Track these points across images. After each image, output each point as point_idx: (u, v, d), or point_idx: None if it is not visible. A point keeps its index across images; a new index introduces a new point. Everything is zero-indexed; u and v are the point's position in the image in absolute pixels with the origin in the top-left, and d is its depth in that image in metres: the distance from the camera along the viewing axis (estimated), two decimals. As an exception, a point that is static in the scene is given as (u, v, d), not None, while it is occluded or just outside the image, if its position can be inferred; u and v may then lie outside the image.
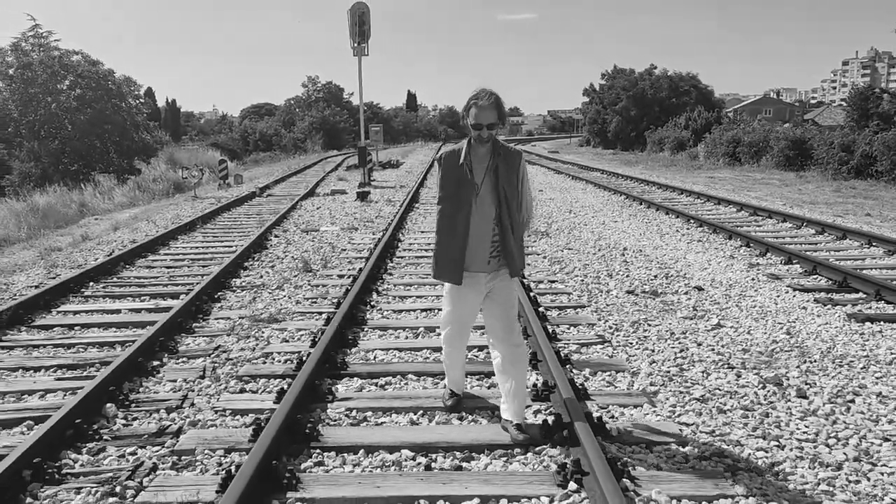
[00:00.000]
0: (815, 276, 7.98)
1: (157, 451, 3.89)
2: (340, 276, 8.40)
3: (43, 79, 35.28)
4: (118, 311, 7.05)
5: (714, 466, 3.62)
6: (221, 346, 5.79)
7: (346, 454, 3.82)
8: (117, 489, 3.45)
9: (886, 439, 3.93)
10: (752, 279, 7.98)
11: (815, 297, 7.09)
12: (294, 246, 10.74)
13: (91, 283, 8.28)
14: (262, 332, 6.13)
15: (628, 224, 12.50)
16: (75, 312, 7.04)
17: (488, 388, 4.73)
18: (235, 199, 17.46)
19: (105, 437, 4.09)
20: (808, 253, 9.00)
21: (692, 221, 12.29)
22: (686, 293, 7.40)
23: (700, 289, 7.55)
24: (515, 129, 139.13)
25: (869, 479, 3.50)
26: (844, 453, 3.76)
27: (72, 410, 4.12)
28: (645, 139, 49.50)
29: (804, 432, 4.02)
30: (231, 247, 10.75)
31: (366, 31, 20.51)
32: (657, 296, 7.30)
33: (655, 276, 8.17)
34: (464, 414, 4.32)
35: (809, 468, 3.60)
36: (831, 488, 3.41)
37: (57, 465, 3.70)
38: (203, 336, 6.11)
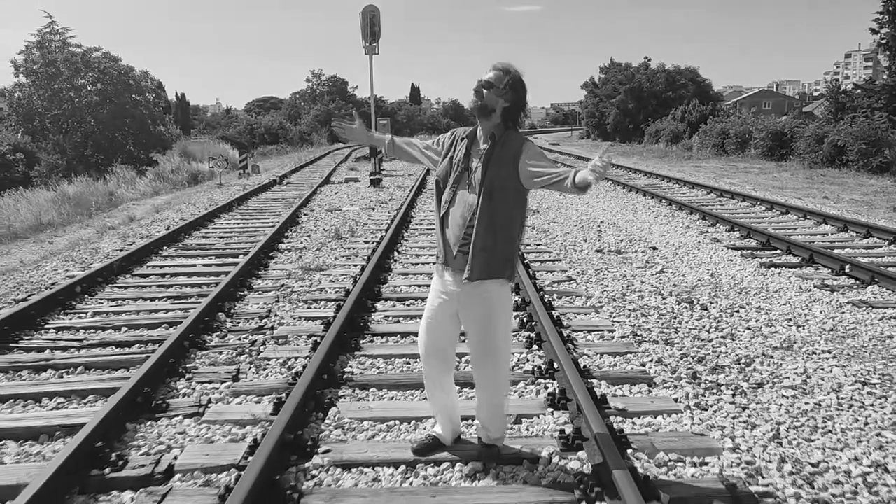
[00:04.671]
0: (747, 239, 9.93)
1: (261, 337, 5.85)
2: (366, 242, 10.34)
3: (66, 75, 37.20)
4: (194, 266, 8.99)
5: (629, 340, 5.57)
6: (285, 284, 7.74)
7: (388, 337, 5.78)
8: (245, 351, 5.42)
9: (749, 329, 5.87)
10: (699, 242, 9.92)
11: (741, 253, 9.04)
12: (322, 222, 12.68)
13: (164, 247, 10.23)
14: (314, 277, 8.08)
15: (609, 204, 14.44)
16: (161, 266, 8.98)
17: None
18: (259, 187, 19.36)
19: (223, 330, 6.05)
20: (750, 223, 10.93)
21: (663, 201, 14.23)
22: (643, 251, 9.32)
23: (655, 248, 9.48)
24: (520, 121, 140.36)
25: (728, 348, 5.43)
26: (717, 335, 5.70)
27: (200, 314, 6.07)
28: (642, 132, 51.32)
29: (695, 326, 5.96)
30: (269, 222, 12.70)
31: (376, 31, 22.27)
32: (620, 253, 9.23)
33: (622, 241, 10.10)
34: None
35: (690, 341, 5.54)
36: (703, 350, 5.34)
37: (200, 341, 5.65)
38: (269, 279, 8.06)
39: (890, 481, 3.38)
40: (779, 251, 9.05)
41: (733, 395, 4.43)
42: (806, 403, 4.28)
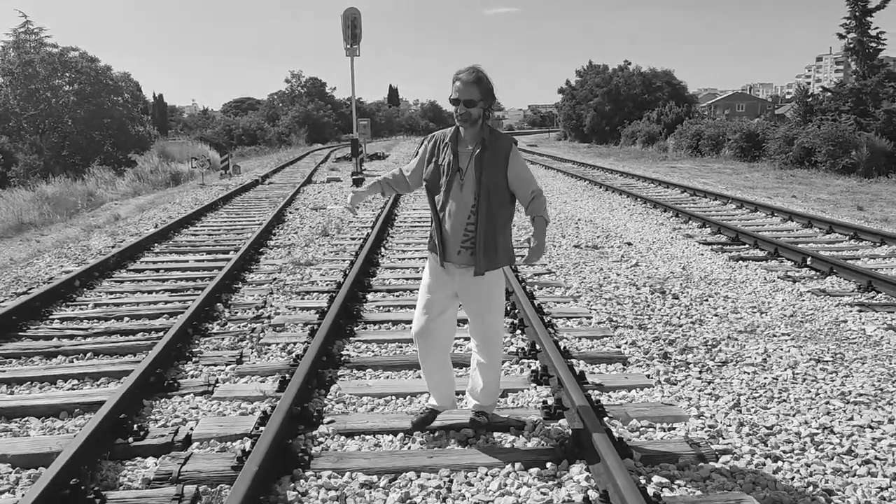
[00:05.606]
0: (718, 235, 10.43)
1: (260, 325, 6.18)
2: (353, 239, 10.68)
3: (43, 75, 36.97)
4: (187, 261, 9.28)
5: (605, 325, 5.99)
6: (277, 278, 8.07)
7: (380, 324, 6.15)
8: (246, 337, 5.75)
9: (716, 315, 6.31)
10: (672, 238, 10.39)
11: (712, 248, 9.53)
12: (308, 220, 12.99)
13: (155, 245, 10.49)
14: (304, 271, 8.41)
15: (586, 203, 14.91)
16: (154, 262, 9.26)
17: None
18: (242, 187, 19.59)
19: (223, 319, 6.37)
20: (721, 221, 11.44)
21: (639, 200, 14.73)
22: (619, 247, 9.77)
23: (630, 244, 9.94)
24: (497, 123, 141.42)
25: (696, 332, 5.86)
26: (687, 321, 6.13)
27: (200, 304, 6.39)
28: (619, 133, 52.09)
29: (667, 313, 6.39)
30: (256, 220, 12.99)
31: (357, 34, 22.57)
32: (596, 248, 9.67)
33: (598, 237, 10.55)
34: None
35: (662, 327, 5.97)
36: (673, 334, 5.76)
37: (202, 328, 5.98)
38: (261, 273, 8.38)
39: (834, 440, 3.81)
40: (747, 246, 9.55)
41: (700, 372, 4.86)
42: (765, 378, 4.72)
